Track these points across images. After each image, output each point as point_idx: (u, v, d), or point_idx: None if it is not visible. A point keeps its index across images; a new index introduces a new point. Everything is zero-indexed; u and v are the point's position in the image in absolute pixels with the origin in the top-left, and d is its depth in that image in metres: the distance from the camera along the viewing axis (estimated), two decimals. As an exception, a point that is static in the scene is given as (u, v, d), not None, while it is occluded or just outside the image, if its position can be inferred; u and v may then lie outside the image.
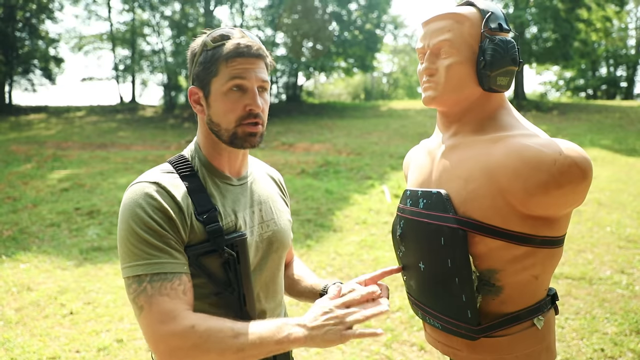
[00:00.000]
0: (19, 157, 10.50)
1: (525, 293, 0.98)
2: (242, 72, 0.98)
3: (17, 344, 2.99)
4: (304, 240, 4.97)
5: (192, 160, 1.05)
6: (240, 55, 0.97)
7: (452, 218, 0.96)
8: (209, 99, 1.01)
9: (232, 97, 0.99)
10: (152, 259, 0.90)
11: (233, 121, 0.99)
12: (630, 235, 4.76)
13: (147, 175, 0.99)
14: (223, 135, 1.01)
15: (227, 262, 0.98)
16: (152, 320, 0.87)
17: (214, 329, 0.88)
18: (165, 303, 0.88)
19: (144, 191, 0.94)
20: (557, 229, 0.95)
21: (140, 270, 0.90)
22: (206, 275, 0.98)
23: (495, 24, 0.98)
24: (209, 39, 1.00)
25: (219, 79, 0.98)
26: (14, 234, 5.44)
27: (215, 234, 0.97)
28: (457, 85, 1.00)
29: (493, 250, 0.94)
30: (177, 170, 1.01)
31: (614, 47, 27.77)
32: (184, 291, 0.91)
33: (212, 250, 0.97)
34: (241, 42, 0.98)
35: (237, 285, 1.00)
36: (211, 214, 0.98)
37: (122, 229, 0.93)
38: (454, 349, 1.05)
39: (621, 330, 2.93)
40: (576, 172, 0.86)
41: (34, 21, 21.52)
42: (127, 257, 0.91)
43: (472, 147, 0.99)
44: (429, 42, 1.02)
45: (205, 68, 0.99)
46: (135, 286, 0.90)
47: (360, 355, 2.78)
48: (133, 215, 0.92)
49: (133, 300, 0.90)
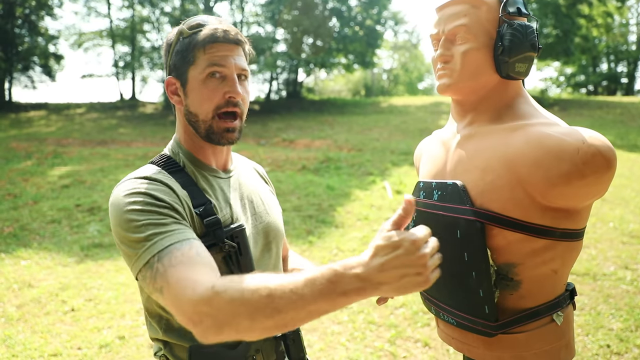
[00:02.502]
0: (19, 154, 10.46)
1: (545, 288, 0.95)
2: (220, 59, 0.94)
3: (19, 340, 2.96)
4: (306, 236, 4.94)
5: (175, 156, 1.00)
6: (217, 40, 0.93)
7: (469, 210, 0.92)
8: (186, 88, 0.96)
9: (210, 85, 0.94)
10: (153, 239, 0.82)
11: (211, 110, 0.95)
12: (633, 230, 4.74)
13: (133, 173, 0.93)
14: (200, 127, 0.96)
15: (229, 255, 0.94)
16: (175, 295, 0.76)
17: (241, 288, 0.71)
18: (181, 272, 0.78)
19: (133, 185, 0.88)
20: (578, 221, 0.92)
21: (146, 257, 0.81)
22: None
23: (514, 7, 0.94)
24: (185, 26, 0.96)
25: (196, 66, 0.94)
26: (14, 230, 5.42)
27: (214, 226, 0.92)
28: (474, 73, 0.96)
29: (512, 243, 0.91)
30: (162, 168, 0.96)
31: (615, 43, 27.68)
32: (198, 253, 0.81)
33: (212, 244, 0.92)
34: (218, 27, 0.94)
35: None
36: (207, 206, 0.93)
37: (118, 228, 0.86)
38: (469, 346, 1.02)
39: (626, 326, 2.91)
40: (600, 161, 0.82)
41: (33, 18, 21.42)
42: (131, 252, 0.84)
43: (489, 137, 0.96)
44: (444, 27, 0.98)
45: (182, 57, 0.95)
46: (148, 273, 0.81)
47: (364, 352, 2.76)
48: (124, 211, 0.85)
49: (153, 287, 0.80)
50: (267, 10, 19.42)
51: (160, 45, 21.10)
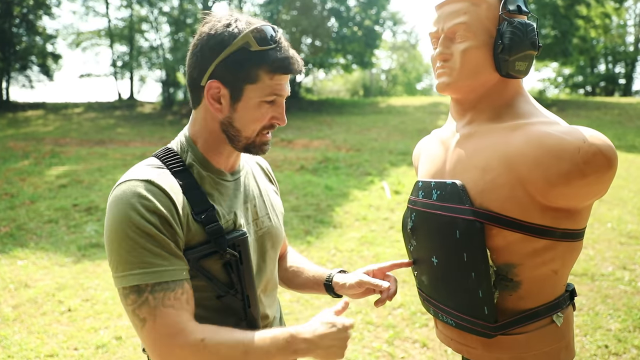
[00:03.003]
0: (17, 154, 10.42)
1: (545, 288, 0.94)
2: (282, 88, 0.92)
3: (15, 341, 2.94)
4: (304, 236, 4.93)
5: (182, 154, 0.96)
6: (287, 71, 0.91)
7: (468, 210, 0.91)
8: (237, 103, 0.91)
9: (263, 109, 0.93)
10: (150, 267, 0.83)
11: (257, 130, 0.94)
12: (631, 231, 4.74)
13: (136, 172, 0.90)
14: (240, 141, 0.94)
15: (229, 263, 0.93)
16: (159, 334, 0.82)
17: (225, 344, 0.84)
18: (171, 315, 0.83)
19: (136, 190, 0.85)
20: (579, 222, 0.91)
21: (138, 280, 0.82)
22: (207, 278, 0.92)
23: (514, 5, 0.93)
24: (254, 37, 0.88)
25: (257, 87, 0.90)
26: (11, 230, 5.39)
27: (216, 234, 0.90)
28: (473, 71, 0.95)
29: (511, 244, 0.90)
30: (166, 165, 0.93)
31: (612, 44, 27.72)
32: (187, 300, 0.86)
33: (213, 252, 0.91)
34: (290, 57, 0.91)
35: (241, 287, 0.95)
36: (209, 213, 0.91)
37: (113, 234, 0.84)
38: (468, 347, 1.01)
39: (625, 326, 2.90)
40: (601, 160, 0.81)
41: (31, 17, 21.36)
42: (121, 265, 0.84)
43: (489, 136, 0.95)
44: (443, 25, 0.97)
45: (240, 68, 0.88)
46: (134, 297, 0.83)
47: (362, 352, 2.75)
48: (126, 218, 0.83)
49: (133, 312, 0.84)
50: (265, 10, 19.41)
51: (159, 44, 21.08)
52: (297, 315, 3.20)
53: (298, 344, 0.88)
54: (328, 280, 1.18)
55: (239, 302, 0.95)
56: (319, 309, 3.27)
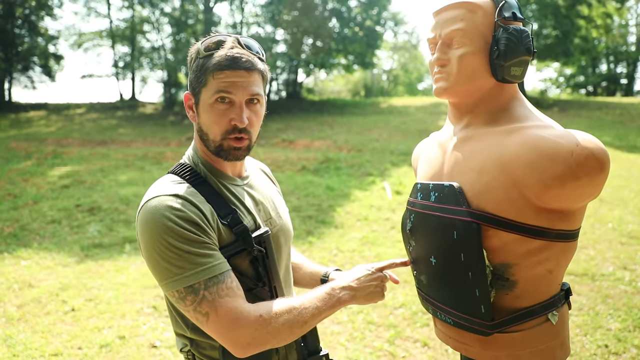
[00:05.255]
0: (19, 154, 10.47)
1: (540, 287, 0.96)
2: (228, 85, 0.95)
3: (19, 340, 2.97)
4: (306, 236, 4.96)
5: (195, 167, 1.04)
6: (226, 68, 0.95)
7: (465, 211, 0.94)
8: (198, 107, 1.01)
9: (218, 110, 0.97)
10: (199, 266, 0.90)
11: (219, 134, 0.99)
12: (632, 231, 4.75)
13: (161, 188, 0.97)
14: (210, 145, 1.01)
15: (256, 258, 1.02)
16: (224, 322, 0.90)
17: (280, 312, 0.93)
18: (229, 303, 0.91)
19: (166, 204, 0.93)
20: (573, 222, 0.93)
21: (191, 281, 0.90)
22: (238, 273, 0.99)
23: (509, 12, 0.95)
24: (203, 46, 0.98)
25: (207, 89, 0.97)
26: (14, 230, 5.43)
27: (243, 234, 0.99)
28: (470, 76, 0.97)
29: (507, 244, 0.92)
30: (185, 179, 1.01)
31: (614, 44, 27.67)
32: (237, 286, 0.94)
33: (242, 249, 0.99)
34: (229, 54, 0.95)
35: (268, 279, 1.04)
36: (234, 215, 0.99)
37: (155, 246, 0.91)
38: (466, 345, 1.04)
39: (625, 326, 2.92)
40: (593, 163, 0.84)
41: (33, 18, 21.41)
42: (170, 272, 0.91)
43: (485, 139, 0.97)
44: (441, 31, 0.99)
45: (196, 77, 0.98)
46: (192, 297, 0.91)
47: (363, 352, 2.77)
48: (165, 229, 0.90)
49: (194, 310, 0.91)
50: (267, 10, 19.42)
51: (161, 45, 21.13)
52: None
53: (339, 293, 1.00)
54: (324, 277, 1.25)
55: (267, 293, 1.04)
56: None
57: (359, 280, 1.04)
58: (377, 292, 1.06)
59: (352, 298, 1.01)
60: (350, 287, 1.02)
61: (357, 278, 1.04)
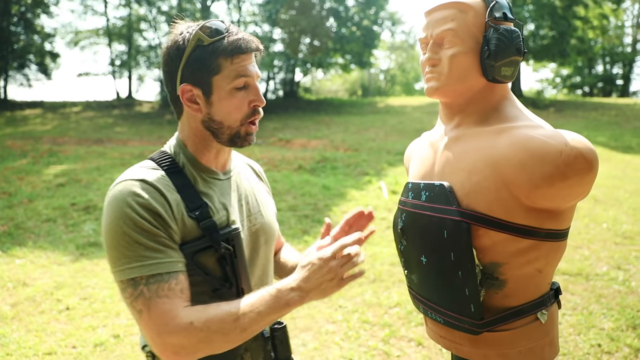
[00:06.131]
0: (15, 152, 10.43)
1: (529, 287, 0.97)
2: (246, 69, 0.95)
3: (13, 339, 2.96)
4: (302, 235, 4.96)
5: (175, 156, 1.01)
6: (244, 51, 0.95)
7: (455, 210, 0.94)
8: (210, 97, 0.96)
9: (239, 95, 0.96)
10: (145, 260, 0.87)
11: (239, 120, 0.97)
12: (626, 231, 4.77)
13: (132, 173, 0.95)
14: (224, 133, 0.98)
15: (224, 257, 0.97)
16: (154, 323, 0.86)
17: (214, 319, 0.87)
18: (164, 304, 0.87)
19: (131, 189, 0.90)
20: (562, 222, 0.94)
21: (134, 273, 0.87)
22: (203, 272, 0.96)
23: (500, 13, 0.96)
24: (204, 33, 0.94)
25: (223, 76, 0.94)
26: (9, 229, 5.41)
27: (210, 229, 0.95)
28: (461, 76, 0.98)
29: (497, 243, 0.93)
30: (161, 167, 0.98)
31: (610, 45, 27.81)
32: (181, 290, 0.89)
33: (208, 246, 0.95)
34: (243, 38, 0.95)
35: (235, 280, 0.99)
36: (203, 209, 0.96)
37: (110, 231, 0.89)
38: (456, 344, 1.04)
39: (618, 325, 2.94)
40: (582, 163, 0.84)
41: (29, 15, 21.34)
42: (118, 261, 0.88)
43: (476, 139, 0.98)
44: (432, 31, 1.00)
45: (202, 65, 0.94)
46: (131, 290, 0.87)
47: (358, 351, 2.78)
48: (122, 215, 0.88)
49: (130, 304, 0.88)
50: (264, 9, 19.41)
51: (158, 44, 21.07)
52: (294, 313, 3.23)
53: (287, 295, 0.90)
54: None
55: (233, 296, 0.99)
56: (314, 306, 3.30)
57: (308, 278, 0.90)
58: (333, 284, 0.91)
59: (303, 299, 0.90)
60: (299, 287, 0.90)
61: (305, 276, 0.91)
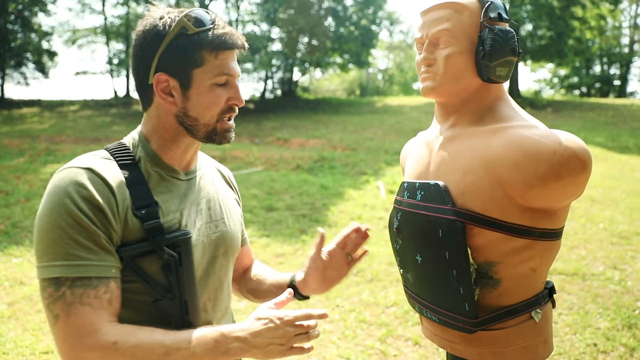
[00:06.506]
0: (12, 151, 10.40)
1: (523, 286, 0.97)
2: (229, 67, 0.90)
3: (10, 338, 2.96)
4: (299, 235, 4.96)
5: (133, 149, 0.93)
6: (230, 47, 0.89)
7: (450, 210, 0.95)
8: (188, 91, 0.88)
9: (217, 91, 0.89)
10: (75, 260, 0.78)
11: (215, 115, 0.91)
12: (622, 231, 4.79)
13: (79, 160, 0.86)
14: (199, 130, 0.91)
15: (168, 264, 0.87)
16: (68, 333, 0.77)
17: (142, 347, 0.78)
18: (86, 314, 0.77)
19: (75, 178, 0.81)
20: (556, 221, 0.94)
21: (59, 272, 0.78)
22: (143, 279, 0.86)
23: (495, 13, 0.97)
24: (189, 21, 0.87)
25: (205, 70, 0.88)
26: (6, 228, 5.39)
27: (154, 231, 0.85)
28: (456, 76, 0.98)
29: (491, 243, 0.93)
30: (115, 158, 0.89)
31: (607, 46, 27.89)
32: (109, 300, 0.80)
33: (151, 250, 0.85)
34: (230, 33, 0.90)
35: (179, 292, 0.88)
36: (151, 208, 0.86)
37: (43, 221, 0.80)
38: (451, 342, 1.05)
39: (613, 325, 2.95)
40: (576, 163, 0.85)
41: (26, 14, 21.27)
42: (44, 255, 0.79)
43: (471, 139, 0.98)
44: (428, 31, 1.00)
45: (183, 55, 0.86)
46: (51, 290, 0.78)
47: (355, 350, 2.78)
48: (59, 205, 0.79)
49: (47, 307, 0.79)
50: (262, 9, 19.40)
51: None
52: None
53: (229, 344, 0.81)
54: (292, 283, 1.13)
55: (176, 308, 0.89)
56: (312, 306, 3.30)
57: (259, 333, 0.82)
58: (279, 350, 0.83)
59: (243, 352, 0.82)
60: (245, 339, 0.82)
61: (257, 331, 0.82)
